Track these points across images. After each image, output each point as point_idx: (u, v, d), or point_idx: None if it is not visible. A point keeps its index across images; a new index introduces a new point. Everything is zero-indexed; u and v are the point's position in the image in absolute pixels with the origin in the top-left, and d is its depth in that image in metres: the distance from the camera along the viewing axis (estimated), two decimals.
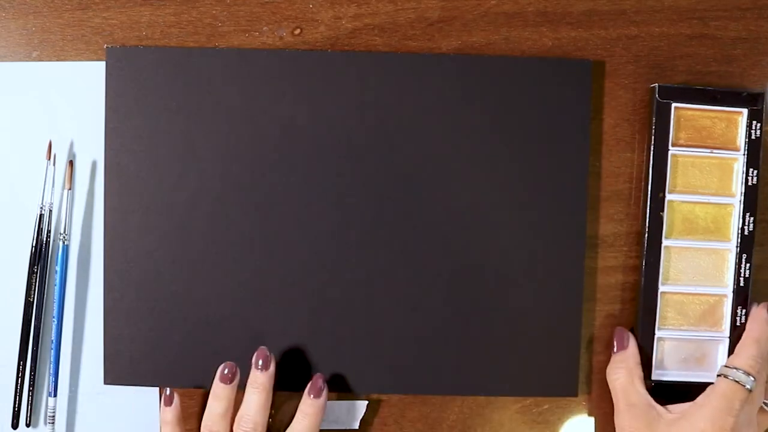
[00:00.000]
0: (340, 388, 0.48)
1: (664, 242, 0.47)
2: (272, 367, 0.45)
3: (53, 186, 0.47)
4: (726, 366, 0.44)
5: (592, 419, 0.49)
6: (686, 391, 0.45)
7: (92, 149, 0.47)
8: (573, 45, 0.48)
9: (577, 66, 0.47)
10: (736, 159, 0.47)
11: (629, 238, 0.48)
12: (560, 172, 0.47)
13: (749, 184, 0.46)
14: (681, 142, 0.47)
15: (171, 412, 0.45)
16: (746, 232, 0.46)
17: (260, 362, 0.45)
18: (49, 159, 0.47)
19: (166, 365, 0.47)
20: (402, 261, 0.47)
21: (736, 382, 0.43)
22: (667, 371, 0.47)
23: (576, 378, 0.48)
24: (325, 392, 0.45)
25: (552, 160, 0.47)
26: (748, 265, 0.46)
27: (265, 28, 0.48)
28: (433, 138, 0.47)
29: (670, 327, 0.47)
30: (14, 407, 0.47)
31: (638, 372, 0.46)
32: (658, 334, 0.47)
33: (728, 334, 0.47)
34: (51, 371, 0.47)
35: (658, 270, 0.47)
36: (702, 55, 0.48)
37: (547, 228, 0.47)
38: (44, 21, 0.47)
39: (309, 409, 0.45)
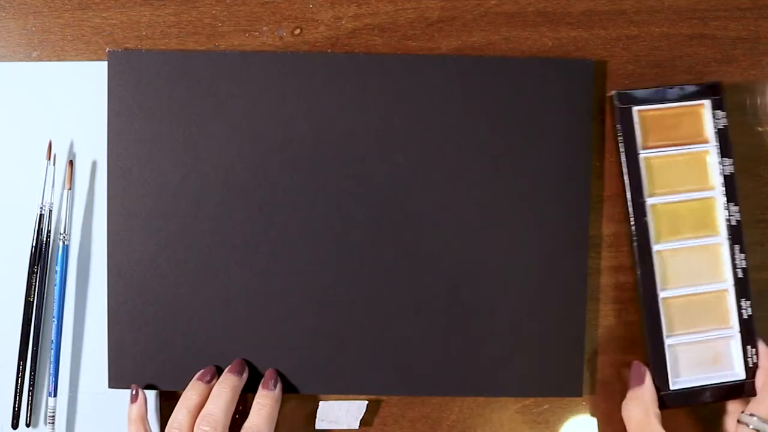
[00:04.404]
0: (341, 388, 0.47)
1: (655, 247, 0.46)
2: (245, 375, 0.46)
3: (53, 186, 0.47)
4: (747, 413, 0.44)
5: (593, 419, 0.49)
6: (703, 394, 0.45)
7: (92, 149, 0.47)
8: (573, 45, 0.48)
9: (579, 66, 0.47)
10: (707, 151, 0.46)
11: (630, 238, 0.48)
12: (562, 173, 0.47)
13: (726, 174, 0.46)
14: (650, 144, 0.46)
15: (136, 410, 0.45)
16: (734, 222, 0.46)
17: (235, 367, 0.46)
18: (49, 159, 0.47)
19: (170, 368, 0.47)
20: (404, 262, 0.47)
21: (758, 431, 0.43)
22: (684, 378, 0.46)
23: (581, 378, 0.48)
24: (279, 385, 0.46)
25: (554, 160, 0.47)
26: (743, 255, 0.46)
27: (265, 28, 0.48)
28: (434, 139, 0.47)
29: (678, 332, 0.46)
30: (14, 407, 0.47)
31: (654, 408, 0.45)
32: (667, 342, 0.46)
33: (738, 329, 0.46)
34: (51, 371, 0.47)
35: (654, 277, 0.46)
36: (702, 55, 0.48)
37: (549, 228, 0.47)
38: (44, 21, 0.47)
39: (264, 400, 0.45)
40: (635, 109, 0.46)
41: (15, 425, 0.47)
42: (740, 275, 0.46)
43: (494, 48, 0.48)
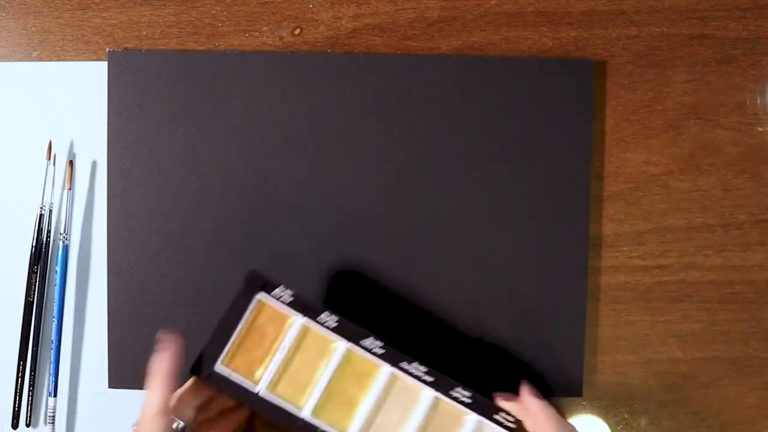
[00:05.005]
0: None
1: None
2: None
3: (53, 186, 0.47)
4: None
5: (593, 419, 0.49)
6: None
7: (92, 149, 0.47)
8: (573, 45, 0.48)
9: (579, 66, 0.47)
10: (308, 327, 0.41)
11: (630, 238, 0.48)
12: (562, 173, 0.47)
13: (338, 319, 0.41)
14: (257, 376, 0.41)
15: (158, 364, 0.39)
16: (378, 351, 0.41)
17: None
18: (49, 159, 0.47)
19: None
20: (403, 261, 0.47)
21: None
22: None
23: (581, 378, 0.48)
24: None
25: (554, 160, 0.47)
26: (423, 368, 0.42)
27: (265, 28, 0.48)
28: (434, 139, 0.47)
29: None
30: (14, 407, 0.47)
31: None
32: None
33: (475, 412, 0.41)
34: (51, 371, 0.47)
35: None
36: (702, 55, 0.48)
37: (549, 228, 0.47)
38: (44, 21, 0.47)
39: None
40: (216, 366, 0.40)
41: (15, 425, 0.47)
42: (433, 378, 0.42)
43: (494, 48, 0.48)
